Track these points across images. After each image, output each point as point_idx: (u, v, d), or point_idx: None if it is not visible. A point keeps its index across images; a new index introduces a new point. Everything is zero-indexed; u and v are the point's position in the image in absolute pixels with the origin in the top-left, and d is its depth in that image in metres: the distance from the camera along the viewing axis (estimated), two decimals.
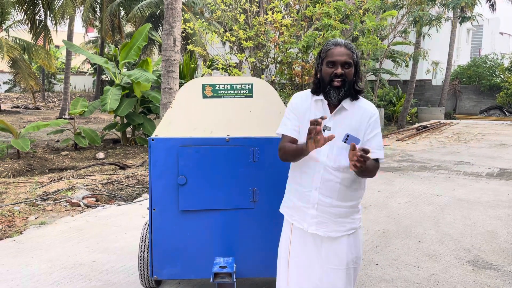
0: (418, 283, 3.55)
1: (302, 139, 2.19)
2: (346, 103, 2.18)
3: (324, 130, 2.10)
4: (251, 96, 2.91)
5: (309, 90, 2.29)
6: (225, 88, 2.89)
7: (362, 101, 2.23)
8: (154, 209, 2.79)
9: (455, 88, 25.11)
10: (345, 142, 2.07)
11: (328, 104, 2.20)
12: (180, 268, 2.84)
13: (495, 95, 23.99)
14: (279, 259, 2.37)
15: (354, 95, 2.19)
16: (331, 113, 2.18)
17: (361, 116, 2.18)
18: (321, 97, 2.21)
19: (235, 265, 2.69)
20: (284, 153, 2.21)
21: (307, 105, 2.24)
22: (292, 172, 2.33)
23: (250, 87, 2.91)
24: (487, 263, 3.98)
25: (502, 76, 24.52)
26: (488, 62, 25.54)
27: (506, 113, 23.15)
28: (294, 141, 2.24)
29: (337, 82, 2.11)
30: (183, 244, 2.81)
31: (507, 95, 22.95)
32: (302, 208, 2.23)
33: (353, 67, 2.16)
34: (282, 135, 2.27)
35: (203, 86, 2.88)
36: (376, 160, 2.18)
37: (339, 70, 2.11)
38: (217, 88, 2.88)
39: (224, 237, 2.81)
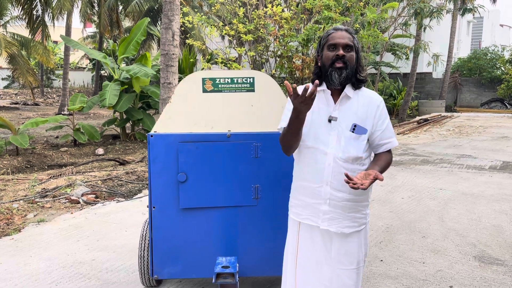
0: (424, 279, 3.49)
1: (306, 130, 2.12)
2: (349, 91, 2.11)
3: (330, 121, 2.09)
4: (253, 90, 2.83)
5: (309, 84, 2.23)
6: (226, 82, 2.80)
7: (365, 90, 2.18)
8: (154, 207, 2.72)
9: (456, 80, 24.99)
10: (352, 131, 2.07)
11: (332, 95, 2.13)
12: (181, 267, 2.77)
13: (496, 87, 23.88)
14: (285, 261, 2.28)
15: (356, 84, 2.13)
16: (335, 103, 2.11)
17: (368, 105, 2.12)
18: (323, 87, 2.14)
19: (237, 264, 2.62)
20: (283, 141, 2.11)
21: None
22: (298, 170, 2.24)
23: (251, 81, 2.82)
24: (494, 258, 3.91)
25: (503, 69, 24.39)
26: (489, 55, 25.41)
27: (507, 105, 23.05)
28: None
29: (339, 64, 2.05)
30: (184, 242, 2.74)
31: (508, 87, 22.83)
32: (313, 204, 2.15)
33: (355, 52, 2.10)
34: (283, 128, 2.17)
35: (203, 80, 2.79)
36: (389, 151, 2.15)
37: (341, 52, 2.05)
38: (217, 82, 2.79)
39: (226, 236, 2.74)
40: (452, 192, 6.21)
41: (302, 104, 1.84)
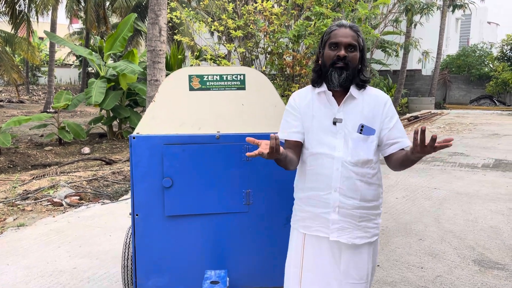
0: (423, 286, 3.33)
1: (309, 137, 1.99)
2: (354, 91, 1.95)
3: (335, 123, 1.94)
4: (243, 88, 2.63)
5: (309, 86, 2.07)
6: (214, 79, 2.60)
7: (370, 89, 2.02)
8: (137, 215, 2.51)
9: (445, 77, 25.02)
10: (360, 133, 1.92)
11: (334, 95, 1.96)
12: (167, 279, 2.56)
13: (484, 84, 23.95)
14: (287, 275, 2.10)
15: (360, 84, 1.97)
16: (338, 105, 1.96)
17: (374, 104, 1.96)
18: (324, 88, 1.98)
19: (228, 278, 2.43)
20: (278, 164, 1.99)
21: (307, 100, 2.02)
22: (302, 180, 2.05)
23: (242, 78, 2.62)
24: (494, 262, 3.77)
25: (491, 66, 24.47)
26: (477, 52, 25.48)
27: (496, 102, 23.14)
28: (298, 144, 2.01)
29: (340, 64, 1.90)
30: (171, 252, 2.54)
31: (496, 84, 22.92)
32: (321, 214, 1.96)
33: (358, 51, 1.94)
34: (285, 140, 2.06)
35: (190, 77, 2.59)
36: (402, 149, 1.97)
37: (342, 52, 1.89)
38: (205, 79, 2.59)
39: (215, 245, 2.54)
40: (447, 191, 6.08)
41: (271, 156, 1.72)
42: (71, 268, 3.65)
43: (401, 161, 1.89)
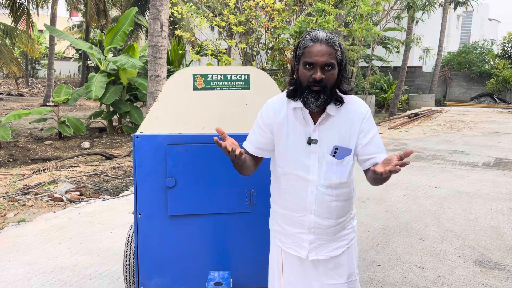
0: (424, 286, 3.33)
1: (281, 155, 1.92)
2: (331, 109, 1.82)
3: (309, 143, 1.85)
4: (248, 88, 2.62)
5: (284, 95, 1.92)
6: (219, 79, 2.58)
7: (350, 102, 1.86)
8: (140, 214, 2.50)
9: (445, 75, 25.01)
10: (334, 156, 1.84)
11: (310, 112, 1.85)
12: (169, 279, 2.56)
13: (485, 82, 23.94)
14: (271, 277, 2.11)
15: (339, 97, 1.83)
16: (315, 123, 1.84)
17: (352, 120, 1.84)
18: (300, 104, 1.83)
19: (231, 279, 2.42)
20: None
21: (282, 116, 1.89)
22: (276, 194, 2.01)
23: (246, 78, 2.61)
24: (495, 262, 3.77)
25: (492, 63, 24.43)
26: (478, 49, 25.43)
27: (497, 100, 23.13)
28: (260, 158, 2.01)
29: (317, 87, 1.74)
30: (173, 252, 2.53)
31: (497, 82, 22.90)
32: (296, 234, 1.94)
33: (337, 67, 1.77)
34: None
35: (194, 76, 2.57)
36: None
37: (319, 75, 1.73)
38: (209, 79, 2.58)
39: (218, 245, 2.54)
40: (447, 190, 6.08)
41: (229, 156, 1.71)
42: (72, 265, 3.65)
43: (373, 178, 1.81)
